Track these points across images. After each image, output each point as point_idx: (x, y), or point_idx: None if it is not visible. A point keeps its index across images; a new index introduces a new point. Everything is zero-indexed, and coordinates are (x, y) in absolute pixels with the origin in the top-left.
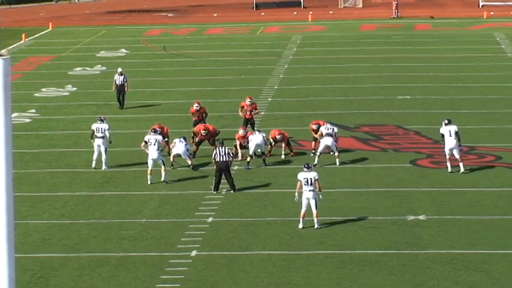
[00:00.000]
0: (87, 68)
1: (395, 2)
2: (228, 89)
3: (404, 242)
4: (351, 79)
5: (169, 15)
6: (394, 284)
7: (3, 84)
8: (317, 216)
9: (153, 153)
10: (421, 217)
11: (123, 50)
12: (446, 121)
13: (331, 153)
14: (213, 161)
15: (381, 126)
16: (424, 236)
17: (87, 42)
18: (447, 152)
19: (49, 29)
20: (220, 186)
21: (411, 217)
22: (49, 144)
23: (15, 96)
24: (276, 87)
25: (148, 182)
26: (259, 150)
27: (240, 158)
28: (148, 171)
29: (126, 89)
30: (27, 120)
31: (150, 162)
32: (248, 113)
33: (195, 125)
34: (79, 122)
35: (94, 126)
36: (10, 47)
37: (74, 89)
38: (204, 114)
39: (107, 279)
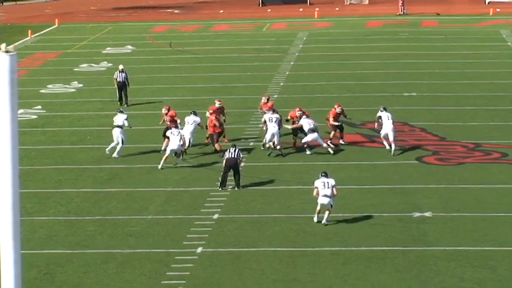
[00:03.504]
0: (93, 65)
1: None
2: (234, 86)
3: (410, 238)
4: (357, 76)
5: (176, 11)
6: (399, 280)
7: (9, 81)
8: (328, 214)
9: (174, 144)
10: (427, 214)
11: (129, 47)
12: (382, 108)
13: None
14: (223, 157)
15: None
16: (429, 232)
17: (93, 39)
18: (383, 133)
19: (55, 26)
20: (227, 183)
21: (417, 214)
22: (55, 140)
23: (21, 92)
24: (281, 84)
25: (159, 167)
26: (274, 139)
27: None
28: (164, 158)
29: (127, 86)
30: (33, 116)
31: (167, 152)
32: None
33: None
34: (85, 119)
35: (114, 118)
36: (16, 44)
37: (80, 85)
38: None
39: (113, 275)
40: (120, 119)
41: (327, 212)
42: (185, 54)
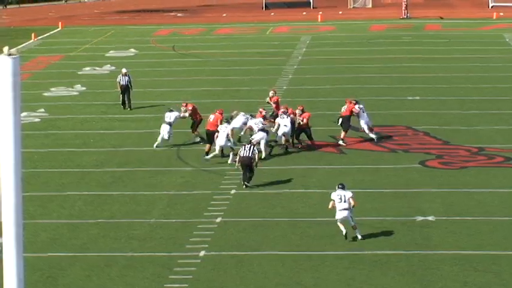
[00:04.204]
0: (97, 68)
1: (405, 3)
2: (237, 89)
3: (414, 242)
4: (361, 79)
5: (179, 14)
6: (403, 284)
7: (12, 84)
8: (355, 228)
9: (221, 140)
10: (430, 218)
11: (132, 50)
12: (354, 101)
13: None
14: (238, 156)
15: (390, 126)
16: (433, 236)
17: (96, 42)
18: (362, 126)
19: (58, 29)
20: (229, 186)
21: (420, 218)
22: (58, 143)
23: (24, 95)
24: (285, 87)
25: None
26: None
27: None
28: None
29: (131, 89)
30: (37, 119)
31: (217, 148)
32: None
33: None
34: (88, 122)
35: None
36: (19, 47)
37: (83, 88)
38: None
39: (115, 279)
40: (172, 116)
41: (356, 230)
42: (188, 57)
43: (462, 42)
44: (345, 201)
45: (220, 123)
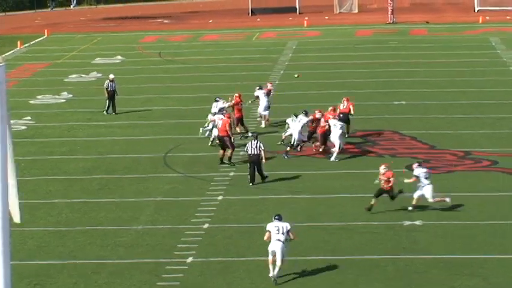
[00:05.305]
0: (83, 75)
1: (391, 8)
2: (223, 95)
3: (401, 247)
4: (347, 84)
5: (165, 21)
6: None
7: None
8: (280, 265)
9: (295, 131)
10: (417, 222)
11: (119, 57)
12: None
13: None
14: (246, 154)
15: (377, 131)
16: (420, 241)
17: (83, 49)
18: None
19: (45, 36)
20: (215, 192)
21: (407, 222)
22: (45, 151)
23: (10, 103)
24: (272, 92)
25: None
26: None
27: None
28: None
29: (117, 95)
30: (23, 127)
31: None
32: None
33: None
34: (75, 129)
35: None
36: (5, 54)
37: (70, 95)
38: None
39: (103, 286)
40: (218, 105)
41: (278, 263)
42: (174, 64)
43: (448, 46)
44: (282, 233)
45: (229, 128)
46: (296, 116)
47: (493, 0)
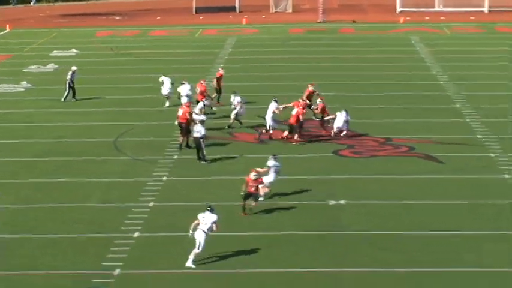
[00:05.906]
0: (41, 66)
1: (322, 8)
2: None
3: (326, 223)
4: (279, 77)
5: (117, 18)
6: (315, 260)
7: None
8: (197, 254)
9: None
10: (342, 202)
11: (74, 50)
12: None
13: None
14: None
15: (307, 120)
16: (343, 218)
17: (42, 43)
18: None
19: (6, 30)
20: (161, 173)
21: (332, 202)
22: (6, 136)
23: None
24: (212, 84)
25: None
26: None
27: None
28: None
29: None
30: None
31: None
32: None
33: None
34: (33, 115)
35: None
36: None
37: (29, 85)
38: None
39: (59, 259)
40: (185, 89)
41: (196, 250)
42: (125, 57)
43: (373, 43)
44: (205, 224)
45: (190, 116)
46: (235, 94)
47: (413, 2)
